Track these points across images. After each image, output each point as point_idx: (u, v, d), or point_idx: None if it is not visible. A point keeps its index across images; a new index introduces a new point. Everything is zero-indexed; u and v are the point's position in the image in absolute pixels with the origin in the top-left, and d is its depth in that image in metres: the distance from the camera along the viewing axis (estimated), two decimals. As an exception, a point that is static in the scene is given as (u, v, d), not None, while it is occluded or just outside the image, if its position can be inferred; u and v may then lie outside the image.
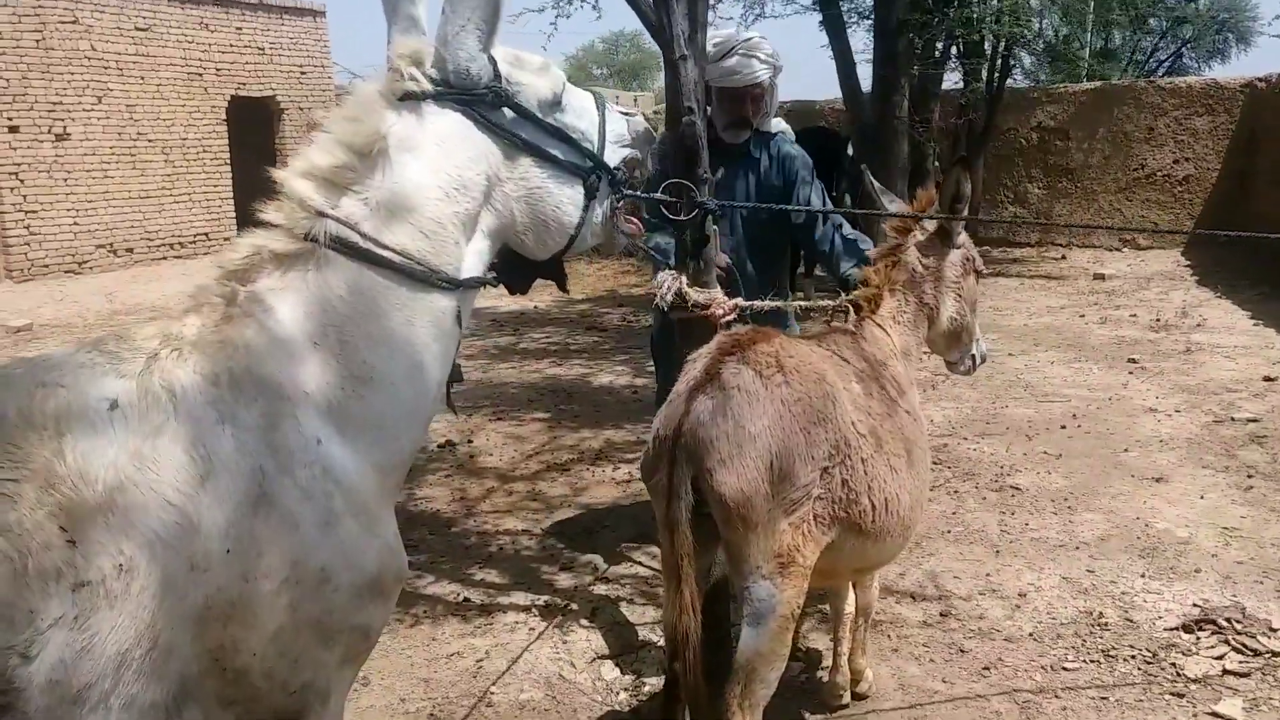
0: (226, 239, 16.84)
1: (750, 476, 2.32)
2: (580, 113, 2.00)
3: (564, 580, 4.32)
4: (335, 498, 1.57)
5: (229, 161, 16.86)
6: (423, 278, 1.71)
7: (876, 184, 3.40)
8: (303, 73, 18.03)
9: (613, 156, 2.07)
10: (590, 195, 1.97)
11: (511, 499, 5.31)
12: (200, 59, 16.25)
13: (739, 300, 3.28)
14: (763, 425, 2.35)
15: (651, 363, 8.23)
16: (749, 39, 3.77)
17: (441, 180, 1.75)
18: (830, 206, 3.92)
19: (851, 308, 3.05)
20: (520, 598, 4.14)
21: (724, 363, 2.47)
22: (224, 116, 16.70)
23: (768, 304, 3.30)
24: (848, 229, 3.73)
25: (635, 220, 2.22)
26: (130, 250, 15.46)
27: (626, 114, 2.16)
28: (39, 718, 1.30)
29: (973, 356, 3.31)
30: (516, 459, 5.97)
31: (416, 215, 1.72)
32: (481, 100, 1.81)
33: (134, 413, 1.44)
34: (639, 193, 2.16)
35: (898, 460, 2.60)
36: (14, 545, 1.30)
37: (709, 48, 3.65)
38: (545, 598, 4.14)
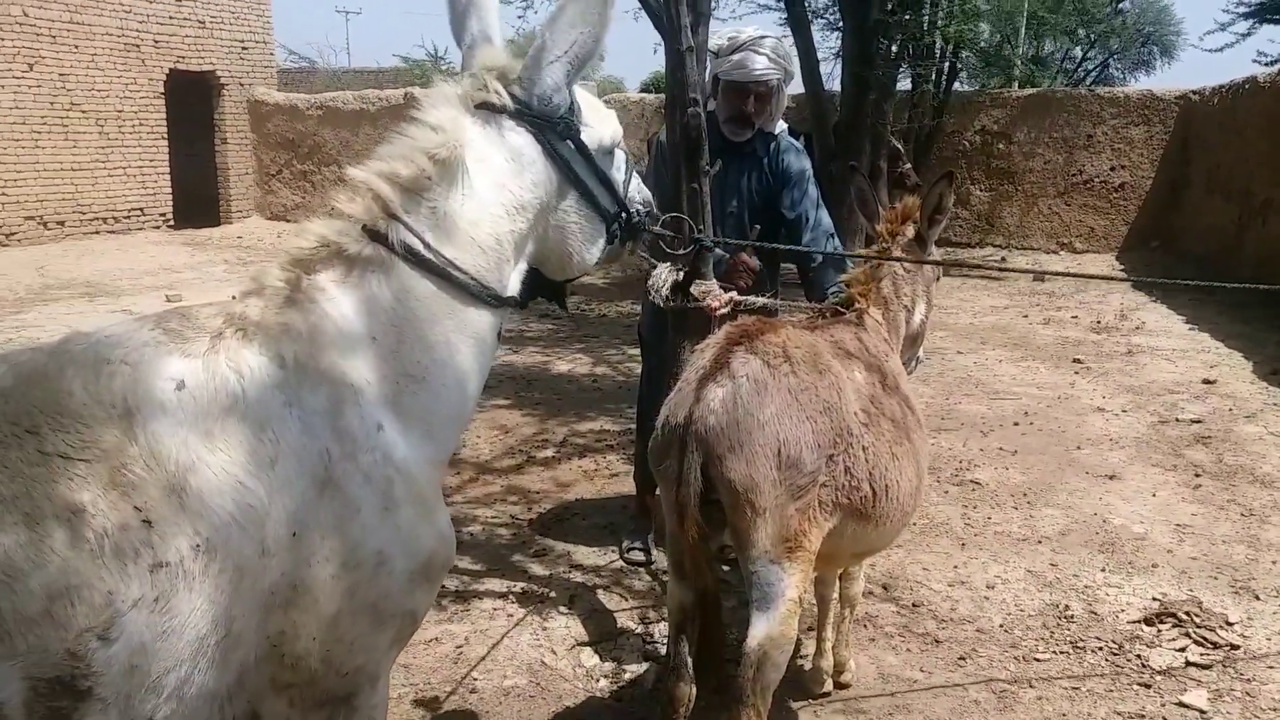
0: (163, 215, 16.40)
1: (759, 464, 2.35)
2: (620, 167, 2.10)
3: (538, 568, 4.31)
4: (395, 484, 1.58)
5: (166, 136, 16.40)
6: (475, 292, 1.77)
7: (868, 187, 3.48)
8: (244, 48, 17.59)
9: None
10: (610, 241, 2.09)
11: (485, 489, 5.27)
12: (138, 29, 15.75)
13: (734, 294, 3.31)
14: (770, 413, 2.39)
15: (612, 352, 8.19)
16: (760, 37, 3.80)
17: (505, 198, 1.80)
18: (824, 211, 3.98)
19: (847, 305, 3.10)
20: (496, 584, 4.12)
21: (733, 352, 2.50)
22: (162, 90, 16.21)
23: (762, 300, 3.34)
24: (835, 240, 3.84)
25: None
26: (61, 223, 14.95)
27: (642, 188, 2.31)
28: (117, 706, 1.27)
29: (918, 358, 3.46)
30: (483, 448, 5.93)
31: (479, 230, 1.77)
32: (553, 128, 1.86)
33: (203, 393, 1.42)
34: (647, 228, 2.31)
35: (899, 448, 2.66)
36: (89, 525, 1.26)
37: (723, 41, 3.69)
38: (521, 584, 4.12)
